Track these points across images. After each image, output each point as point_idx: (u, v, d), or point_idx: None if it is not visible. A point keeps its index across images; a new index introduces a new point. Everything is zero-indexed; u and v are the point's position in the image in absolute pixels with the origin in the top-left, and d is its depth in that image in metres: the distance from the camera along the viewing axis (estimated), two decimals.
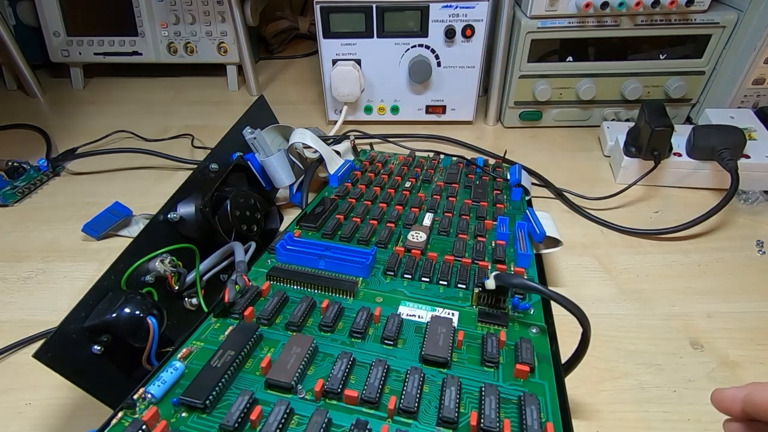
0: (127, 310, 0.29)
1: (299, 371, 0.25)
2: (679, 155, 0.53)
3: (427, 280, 0.33)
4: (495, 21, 0.62)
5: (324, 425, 0.22)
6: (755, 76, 0.57)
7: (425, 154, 0.56)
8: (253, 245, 0.39)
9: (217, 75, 0.83)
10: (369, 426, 0.22)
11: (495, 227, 0.40)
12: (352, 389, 0.24)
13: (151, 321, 0.30)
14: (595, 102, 0.64)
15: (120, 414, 0.23)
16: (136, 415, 0.23)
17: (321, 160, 0.50)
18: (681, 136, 0.54)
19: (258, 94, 0.76)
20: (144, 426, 0.21)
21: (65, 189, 0.58)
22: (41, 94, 0.80)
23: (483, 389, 0.24)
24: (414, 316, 0.30)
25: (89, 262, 0.47)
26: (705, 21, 0.57)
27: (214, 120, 0.72)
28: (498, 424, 0.22)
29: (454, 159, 0.54)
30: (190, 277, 0.37)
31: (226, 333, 0.28)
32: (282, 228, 0.47)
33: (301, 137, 0.49)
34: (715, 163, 0.51)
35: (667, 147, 0.52)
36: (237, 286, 0.31)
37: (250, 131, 0.47)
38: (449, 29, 0.59)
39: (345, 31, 0.61)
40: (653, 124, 0.50)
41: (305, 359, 0.26)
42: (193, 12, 0.74)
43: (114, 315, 0.29)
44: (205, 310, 0.33)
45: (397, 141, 0.64)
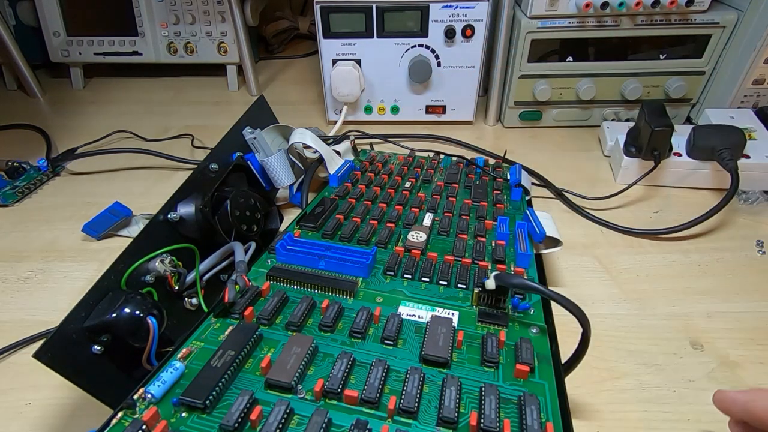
0: (127, 310, 0.29)
1: (299, 371, 0.25)
2: (679, 155, 0.53)
3: (427, 280, 0.33)
4: (495, 21, 0.62)
5: (324, 425, 0.22)
6: (755, 76, 0.57)
7: (425, 154, 0.56)
8: (253, 245, 0.39)
9: (217, 75, 0.83)
10: (369, 426, 0.22)
11: (495, 227, 0.40)
12: (352, 389, 0.24)
13: (151, 321, 0.30)
14: (595, 102, 0.64)
15: (120, 414, 0.23)
16: (136, 415, 0.23)
17: (321, 160, 0.50)
18: (681, 136, 0.54)
19: (258, 94, 0.76)
20: (144, 426, 0.21)
21: (65, 189, 0.58)
22: (41, 94, 0.80)
23: (483, 389, 0.24)
24: (414, 316, 0.30)
25: (89, 262, 0.47)
26: (705, 21, 0.57)
27: (214, 120, 0.72)
28: (498, 424, 0.22)
29: (454, 159, 0.54)
30: (190, 277, 0.37)
31: (226, 333, 0.28)
32: (282, 228, 0.47)
33: (301, 137, 0.49)
34: (715, 163, 0.51)
35: (667, 147, 0.52)
36: (237, 286, 0.31)
37: (250, 131, 0.47)
38: (449, 29, 0.59)
39: (345, 31, 0.61)
40: (653, 124, 0.50)
41: (305, 359, 0.26)
42: (193, 12, 0.74)
43: (114, 315, 0.29)
44: (205, 310, 0.33)
45: (397, 141, 0.64)
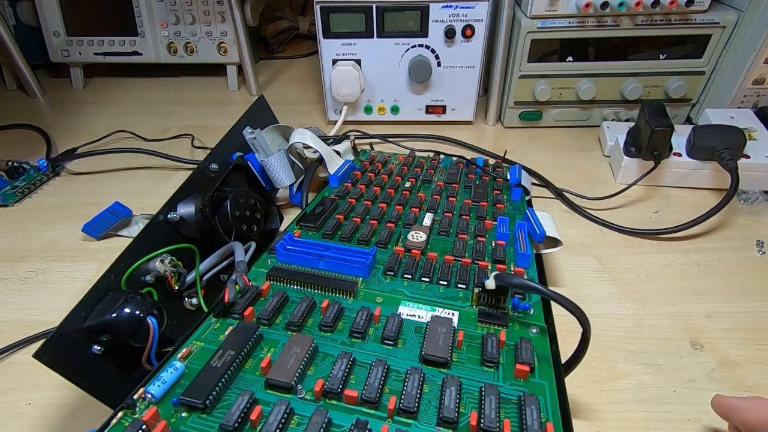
0: (127, 310, 0.29)
1: (299, 371, 0.25)
2: (679, 155, 0.53)
3: (427, 280, 0.33)
4: (495, 21, 0.62)
5: (324, 425, 0.22)
6: (755, 76, 0.57)
7: (425, 154, 0.56)
8: (253, 245, 0.39)
9: (217, 75, 0.83)
10: (369, 426, 0.22)
11: (495, 227, 0.40)
12: (352, 389, 0.24)
13: (151, 321, 0.30)
14: (595, 102, 0.64)
15: (120, 414, 0.23)
16: (136, 415, 0.23)
17: (321, 160, 0.50)
18: (681, 136, 0.54)
19: (258, 94, 0.76)
20: (144, 426, 0.21)
21: (65, 189, 0.58)
22: (41, 94, 0.80)
23: (483, 389, 0.24)
24: (414, 316, 0.30)
25: (89, 262, 0.47)
26: (705, 21, 0.57)
27: (214, 120, 0.72)
28: (498, 424, 0.22)
29: (454, 159, 0.54)
30: (190, 277, 0.37)
31: (226, 333, 0.28)
32: (282, 228, 0.47)
33: (301, 137, 0.49)
34: (715, 163, 0.51)
35: (667, 147, 0.52)
36: (237, 286, 0.31)
37: (250, 131, 0.47)
38: (449, 29, 0.59)
39: (345, 31, 0.61)
40: (653, 124, 0.50)
41: (305, 359, 0.26)
42: (193, 12, 0.74)
43: (114, 315, 0.29)
44: (205, 310, 0.33)
45: (397, 141, 0.64)
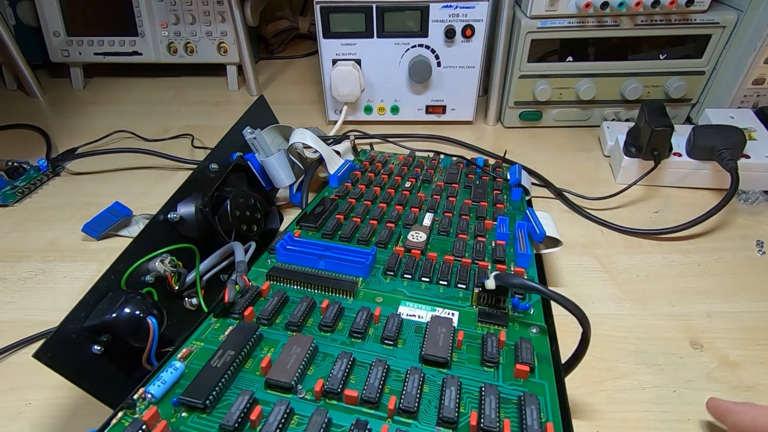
0: (127, 310, 0.29)
1: (299, 371, 0.25)
2: (679, 155, 0.53)
3: (427, 280, 0.33)
4: (495, 21, 0.62)
5: (324, 425, 0.22)
6: (755, 76, 0.57)
7: (425, 154, 0.56)
8: (253, 245, 0.39)
9: (217, 75, 0.83)
10: (369, 426, 0.22)
11: (495, 227, 0.40)
12: (352, 389, 0.24)
13: (151, 321, 0.30)
14: (595, 102, 0.64)
15: (120, 414, 0.23)
16: (136, 415, 0.23)
17: (321, 160, 0.50)
18: (681, 136, 0.54)
19: (258, 94, 0.76)
20: (144, 426, 0.21)
21: (65, 189, 0.58)
22: (41, 94, 0.80)
23: (483, 389, 0.24)
24: (414, 316, 0.30)
25: (89, 262, 0.47)
26: (705, 21, 0.57)
27: (214, 120, 0.72)
28: (498, 424, 0.22)
29: (454, 159, 0.54)
30: (190, 277, 0.37)
31: (226, 333, 0.28)
32: (282, 228, 0.47)
33: (301, 137, 0.49)
34: (715, 163, 0.51)
35: (667, 147, 0.52)
36: (237, 286, 0.31)
37: (250, 131, 0.47)
38: (449, 29, 0.59)
39: (345, 31, 0.61)
40: (653, 124, 0.50)
41: (305, 359, 0.26)
42: (193, 12, 0.74)
43: (114, 315, 0.29)
44: (205, 310, 0.33)
45: (397, 141, 0.64)
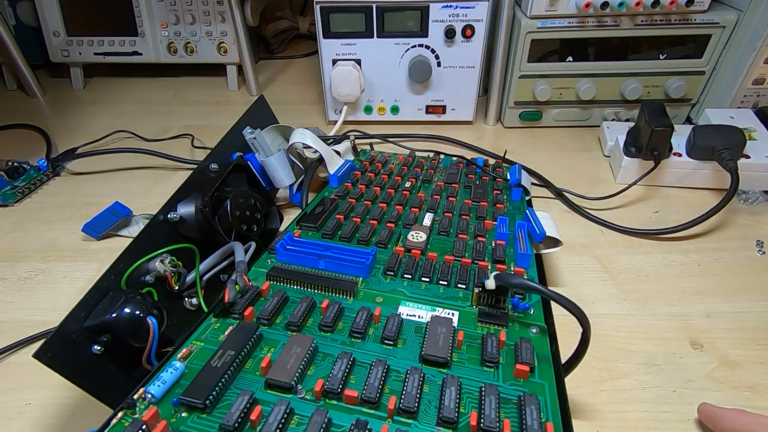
0: (127, 310, 0.29)
1: (299, 371, 0.25)
2: (679, 155, 0.53)
3: (427, 280, 0.33)
4: (495, 21, 0.62)
5: (324, 425, 0.22)
6: (755, 76, 0.57)
7: (425, 154, 0.56)
8: (253, 245, 0.39)
9: (217, 75, 0.83)
10: (369, 426, 0.22)
11: (495, 227, 0.40)
12: (352, 389, 0.24)
13: (151, 321, 0.30)
14: (595, 102, 0.64)
15: (120, 414, 0.23)
16: (136, 415, 0.23)
17: (321, 160, 0.50)
18: (681, 136, 0.54)
19: (258, 94, 0.76)
20: (144, 426, 0.21)
21: (65, 189, 0.58)
22: (41, 94, 0.80)
23: (483, 389, 0.24)
24: (414, 316, 0.30)
25: (89, 262, 0.47)
26: (705, 21, 0.57)
27: (214, 120, 0.72)
28: (498, 424, 0.22)
29: (454, 159, 0.54)
30: (190, 277, 0.37)
31: (226, 333, 0.28)
32: (282, 228, 0.47)
33: (301, 137, 0.49)
34: (715, 163, 0.51)
35: (667, 147, 0.52)
36: (237, 286, 0.31)
37: (250, 131, 0.47)
38: (449, 29, 0.59)
39: (345, 31, 0.61)
40: (653, 124, 0.50)
41: (305, 359, 0.26)
42: (193, 12, 0.74)
43: (114, 315, 0.29)
44: (205, 310, 0.33)
45: (397, 141, 0.64)
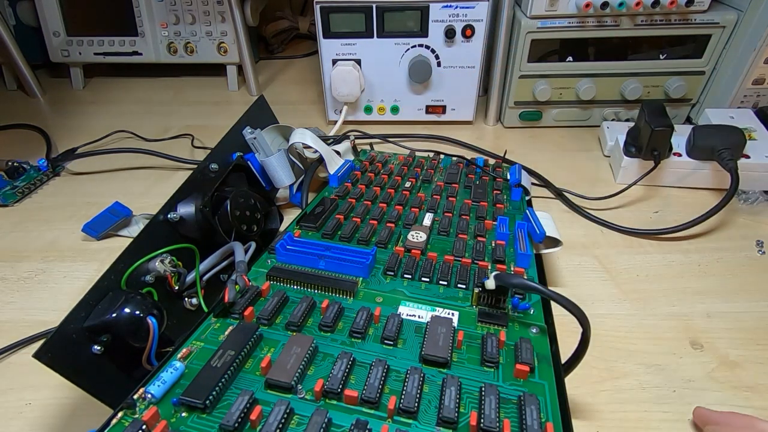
0: (127, 310, 0.29)
1: (299, 371, 0.25)
2: (679, 155, 0.53)
3: (427, 280, 0.33)
4: (495, 21, 0.62)
5: (324, 425, 0.22)
6: (755, 76, 0.57)
7: (425, 154, 0.56)
8: (253, 245, 0.39)
9: (217, 75, 0.83)
10: (369, 426, 0.22)
11: (495, 227, 0.40)
12: (352, 389, 0.24)
13: (151, 321, 0.30)
14: (595, 102, 0.64)
15: (120, 414, 0.23)
16: (136, 415, 0.23)
17: (321, 160, 0.50)
18: (681, 136, 0.54)
19: (258, 94, 0.76)
20: (144, 426, 0.21)
21: (65, 189, 0.58)
22: (41, 94, 0.80)
23: (483, 389, 0.24)
24: (414, 316, 0.30)
25: (89, 262, 0.47)
26: (705, 21, 0.57)
27: (214, 120, 0.72)
28: (498, 424, 0.22)
29: (454, 159, 0.54)
30: (190, 277, 0.37)
31: (226, 333, 0.28)
32: (282, 228, 0.47)
33: (301, 137, 0.49)
34: (715, 163, 0.51)
35: (667, 147, 0.52)
36: (237, 286, 0.31)
37: (250, 131, 0.47)
38: (449, 29, 0.59)
39: (345, 31, 0.61)
40: (653, 124, 0.50)
41: (305, 359, 0.26)
42: (193, 12, 0.74)
43: (114, 315, 0.29)
44: (205, 310, 0.33)
45: (397, 141, 0.64)
